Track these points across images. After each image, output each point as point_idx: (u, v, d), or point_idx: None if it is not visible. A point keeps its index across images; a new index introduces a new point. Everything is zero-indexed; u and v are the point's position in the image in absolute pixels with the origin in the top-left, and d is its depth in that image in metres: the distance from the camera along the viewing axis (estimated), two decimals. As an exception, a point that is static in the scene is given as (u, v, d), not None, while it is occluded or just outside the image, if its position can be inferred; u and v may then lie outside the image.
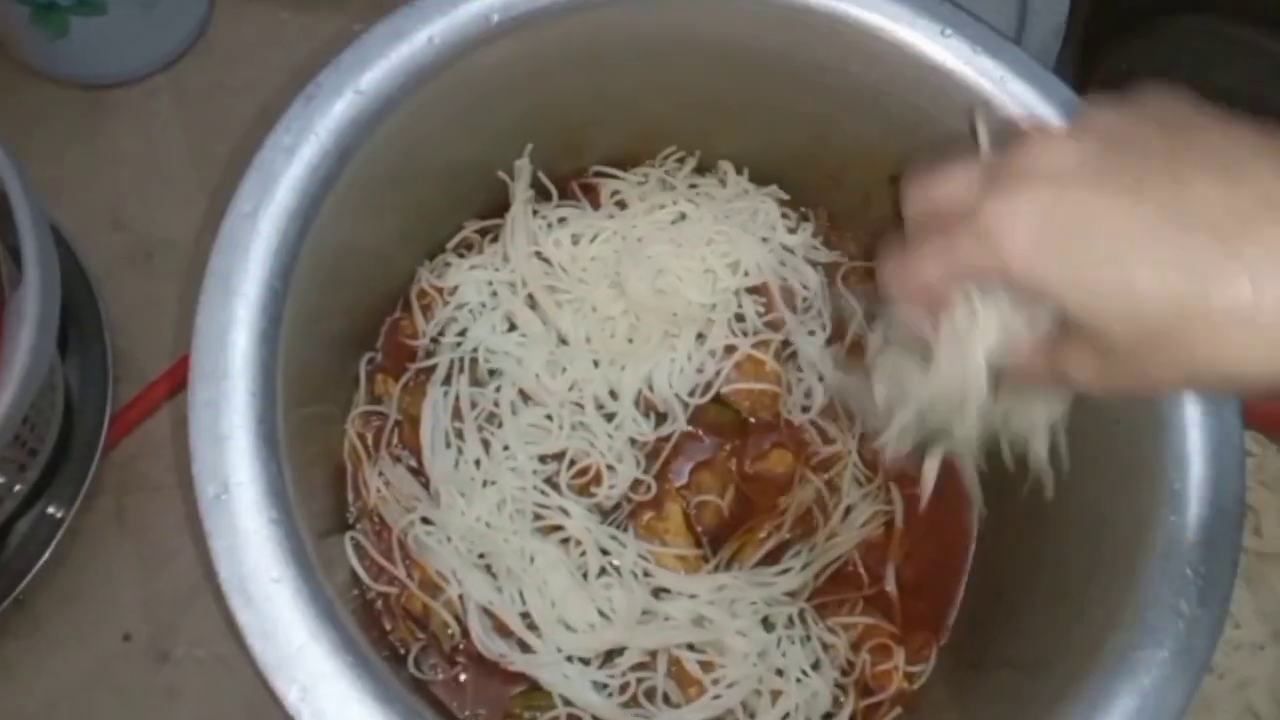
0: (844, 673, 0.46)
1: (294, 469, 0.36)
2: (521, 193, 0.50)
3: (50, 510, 0.55)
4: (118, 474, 0.58)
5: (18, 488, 0.53)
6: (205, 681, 0.53)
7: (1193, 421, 0.38)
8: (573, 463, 0.46)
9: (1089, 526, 0.41)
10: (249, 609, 0.32)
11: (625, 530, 0.46)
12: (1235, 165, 0.24)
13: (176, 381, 0.57)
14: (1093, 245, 0.24)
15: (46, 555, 0.54)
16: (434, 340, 0.49)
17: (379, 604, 0.45)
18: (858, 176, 0.49)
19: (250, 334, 0.35)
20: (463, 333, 0.48)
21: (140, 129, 0.65)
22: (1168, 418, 0.38)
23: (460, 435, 0.46)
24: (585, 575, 0.44)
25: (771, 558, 0.47)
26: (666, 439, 0.48)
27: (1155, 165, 0.24)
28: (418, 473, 0.47)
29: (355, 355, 0.49)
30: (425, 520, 0.45)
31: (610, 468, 0.46)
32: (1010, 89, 0.41)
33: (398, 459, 0.47)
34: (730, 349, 0.49)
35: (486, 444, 0.47)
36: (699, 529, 0.48)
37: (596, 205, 0.52)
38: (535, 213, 0.50)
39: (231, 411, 0.34)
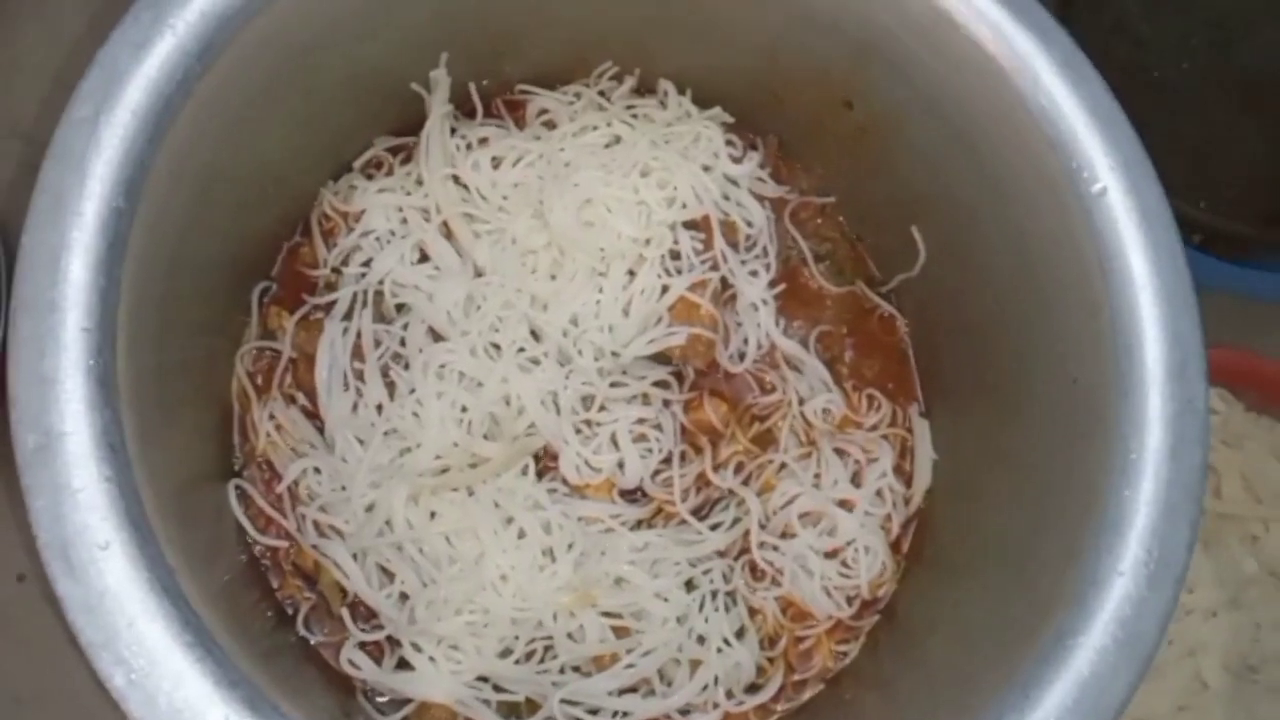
0: (772, 643, 0.43)
1: (147, 416, 0.32)
2: (438, 108, 0.45)
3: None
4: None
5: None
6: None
7: (1155, 383, 0.34)
8: (490, 415, 0.42)
9: (1035, 493, 0.38)
10: (71, 579, 0.28)
11: (540, 482, 0.43)
12: None
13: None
14: None
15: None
16: (336, 271, 0.44)
17: (266, 559, 0.41)
18: (810, 100, 0.44)
19: (85, 260, 0.30)
20: (368, 263, 0.44)
21: (45, 35, 0.60)
22: (1129, 379, 0.34)
23: (360, 376, 0.42)
24: (495, 534, 0.41)
25: (699, 513, 0.44)
26: (592, 387, 0.44)
27: None
28: (313, 416, 0.42)
29: (247, 284, 0.44)
30: (318, 470, 0.41)
31: (525, 414, 0.42)
32: (976, 4, 0.36)
33: (291, 400, 0.43)
34: (664, 289, 0.45)
35: (391, 387, 0.42)
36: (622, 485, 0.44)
37: (522, 125, 0.47)
38: (454, 131, 0.45)
39: (59, 350, 0.29)
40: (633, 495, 0.44)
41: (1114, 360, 0.34)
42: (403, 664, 0.40)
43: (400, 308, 0.44)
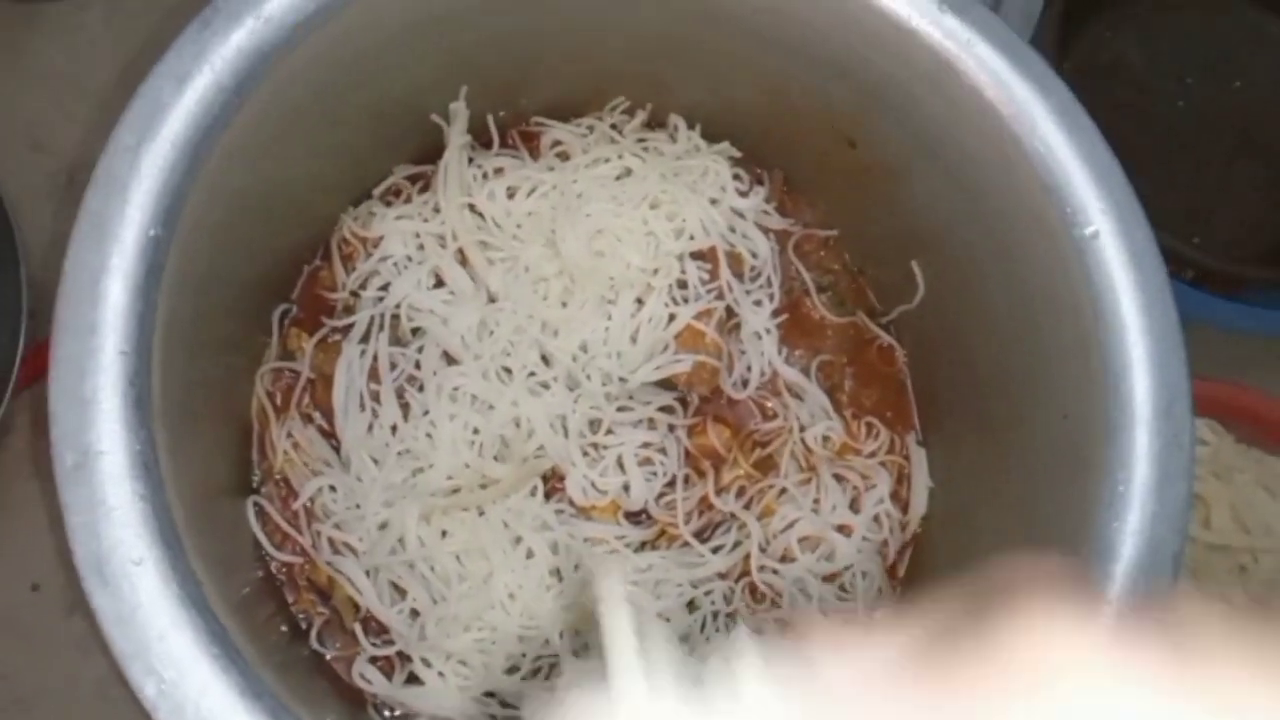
0: (770, 663, 0.44)
1: (176, 432, 0.33)
2: (457, 138, 0.46)
3: (-44, 446, 0.52)
4: (32, 413, 0.56)
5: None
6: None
7: (1142, 419, 0.35)
8: (500, 437, 0.44)
9: (1026, 522, 0.39)
10: (105, 592, 0.29)
11: (548, 504, 0.44)
12: None
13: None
14: None
15: (-48, 495, 0.51)
16: (354, 294, 0.46)
17: (282, 574, 0.42)
18: (815, 138, 0.46)
19: (125, 285, 0.31)
20: (385, 287, 0.45)
21: (69, 46, 0.62)
22: (1118, 415, 0.36)
23: (376, 398, 0.44)
24: (504, 553, 0.42)
25: (701, 535, 0.45)
26: (600, 411, 0.45)
27: None
28: (329, 436, 0.44)
29: (269, 305, 0.45)
30: (333, 488, 0.42)
31: (534, 437, 0.44)
32: (977, 53, 0.38)
33: (309, 419, 0.44)
34: (670, 318, 0.46)
35: (405, 409, 0.44)
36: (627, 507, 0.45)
37: (536, 155, 0.49)
38: (470, 161, 0.47)
39: (98, 371, 0.30)
40: (637, 517, 0.45)
41: (1104, 397, 0.36)
42: (413, 679, 0.41)
43: (416, 331, 0.45)
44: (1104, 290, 0.36)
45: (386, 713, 0.42)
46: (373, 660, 0.41)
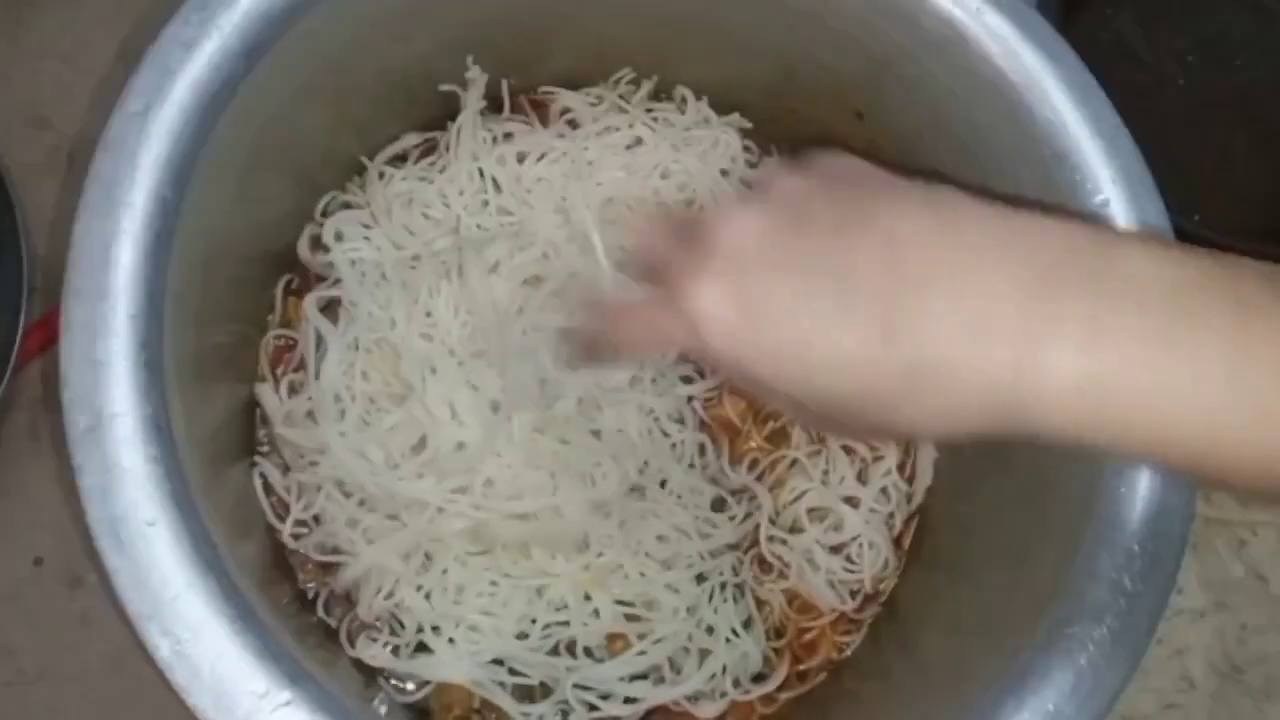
0: (778, 634, 0.44)
1: (186, 397, 0.33)
2: (473, 103, 0.46)
3: (-43, 422, 0.52)
4: (34, 389, 0.56)
5: (-74, 395, 0.50)
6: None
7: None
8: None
9: (1033, 490, 0.39)
10: (120, 553, 0.29)
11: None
12: (896, 232, 0.25)
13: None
14: (778, 328, 0.25)
15: (-49, 471, 0.51)
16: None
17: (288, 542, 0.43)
18: (823, 110, 0.46)
19: (135, 249, 0.31)
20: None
21: (69, 22, 0.61)
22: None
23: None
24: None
25: (715, 505, 0.45)
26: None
27: (826, 238, 0.25)
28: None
29: (274, 274, 0.45)
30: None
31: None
32: (986, 21, 0.38)
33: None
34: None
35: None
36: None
37: (546, 123, 0.48)
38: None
39: (110, 335, 0.30)
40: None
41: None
42: (422, 647, 0.41)
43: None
44: (1114, 259, 0.36)
45: (395, 682, 0.42)
46: (376, 636, 0.41)
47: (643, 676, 0.42)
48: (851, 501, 0.46)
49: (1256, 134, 0.64)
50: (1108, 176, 0.37)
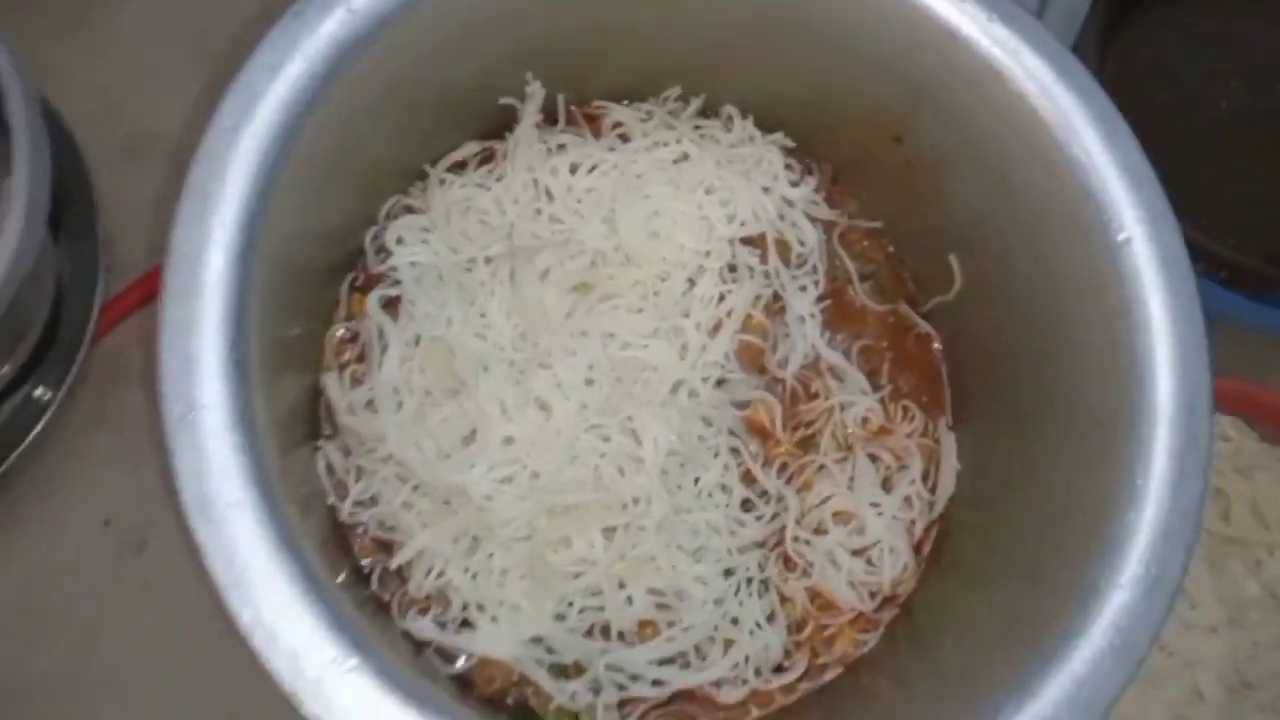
0: (799, 628, 0.47)
1: (266, 387, 0.36)
2: (530, 115, 0.48)
3: (37, 394, 0.56)
4: (106, 364, 0.59)
5: (4, 368, 0.53)
6: (179, 576, 0.54)
7: (1164, 419, 0.38)
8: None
9: (1048, 509, 0.41)
10: (209, 528, 0.32)
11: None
12: None
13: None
14: None
15: (30, 439, 0.55)
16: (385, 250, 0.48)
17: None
18: (862, 134, 0.48)
19: (226, 255, 0.34)
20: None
21: (143, 13, 0.64)
22: (1140, 413, 0.38)
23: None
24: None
25: (744, 505, 0.47)
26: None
27: None
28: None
29: (341, 273, 0.48)
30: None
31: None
32: (1024, 62, 0.39)
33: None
34: (720, 297, 0.48)
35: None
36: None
37: (598, 135, 0.51)
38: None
39: (202, 334, 0.34)
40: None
41: (1128, 396, 0.38)
42: (466, 623, 0.44)
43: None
44: (1134, 293, 0.38)
45: (439, 654, 0.45)
46: (425, 610, 0.44)
47: (670, 661, 0.45)
48: (875, 507, 0.48)
49: (1296, 160, 0.64)
50: (1133, 216, 0.39)
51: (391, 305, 0.47)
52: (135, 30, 0.64)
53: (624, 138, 0.50)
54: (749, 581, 0.46)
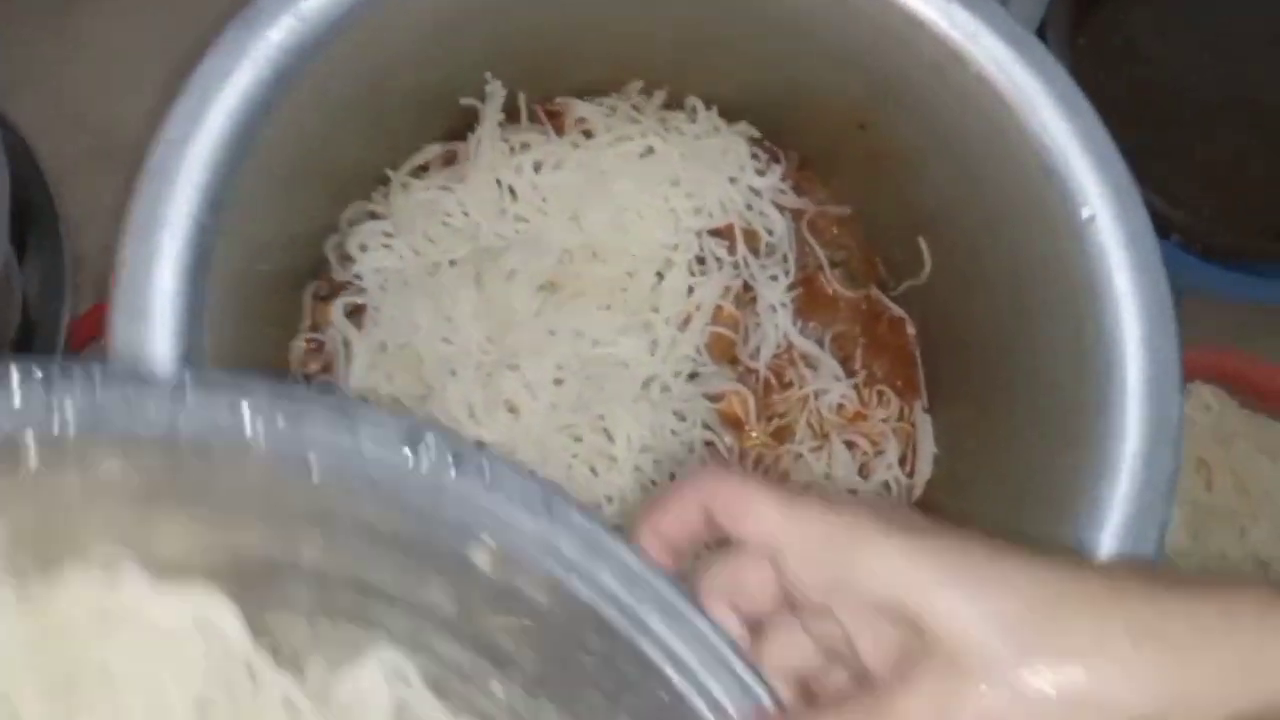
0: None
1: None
2: (492, 116, 0.48)
3: (6, 417, 0.55)
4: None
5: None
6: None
7: (1133, 395, 0.37)
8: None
9: (1022, 488, 0.41)
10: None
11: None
12: None
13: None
14: None
15: (1, 463, 0.54)
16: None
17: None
18: (828, 122, 0.48)
19: (174, 271, 0.34)
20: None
21: (110, 17, 0.64)
22: (1109, 390, 0.38)
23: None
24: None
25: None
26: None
27: None
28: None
29: (303, 282, 0.48)
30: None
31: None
32: (984, 44, 0.39)
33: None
34: (689, 290, 0.48)
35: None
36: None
37: (561, 132, 0.50)
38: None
39: (153, 356, 0.33)
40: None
41: (1096, 373, 0.38)
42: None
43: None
44: (1100, 270, 0.38)
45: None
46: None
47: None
48: (854, 494, 0.48)
49: (1268, 134, 0.64)
50: (1096, 192, 0.38)
51: (356, 313, 0.47)
52: (106, 36, 0.63)
53: (588, 133, 0.50)
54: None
